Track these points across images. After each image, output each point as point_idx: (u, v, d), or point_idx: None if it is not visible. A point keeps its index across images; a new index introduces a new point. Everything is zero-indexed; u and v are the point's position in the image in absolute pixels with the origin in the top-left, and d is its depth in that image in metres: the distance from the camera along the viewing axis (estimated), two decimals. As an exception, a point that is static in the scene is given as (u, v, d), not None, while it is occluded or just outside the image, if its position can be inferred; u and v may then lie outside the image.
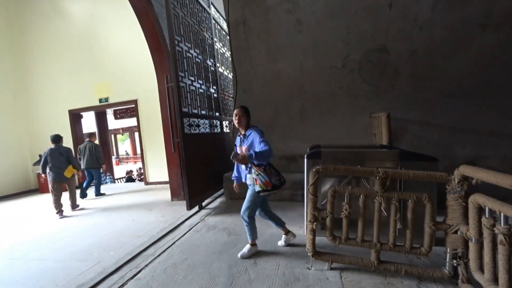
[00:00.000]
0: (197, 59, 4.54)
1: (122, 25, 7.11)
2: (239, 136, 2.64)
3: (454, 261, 1.90)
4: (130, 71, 7.23)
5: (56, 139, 5.00)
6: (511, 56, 3.55)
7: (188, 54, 4.24)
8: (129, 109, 10.07)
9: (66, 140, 5.39)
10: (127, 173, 11.01)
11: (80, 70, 7.64)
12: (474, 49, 3.65)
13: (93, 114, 8.80)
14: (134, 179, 10.25)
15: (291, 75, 4.43)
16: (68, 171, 4.99)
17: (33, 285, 2.51)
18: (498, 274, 1.48)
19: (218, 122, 5.36)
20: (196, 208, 4.30)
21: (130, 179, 10.07)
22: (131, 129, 21.45)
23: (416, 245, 2.01)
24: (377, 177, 1.99)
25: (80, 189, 6.21)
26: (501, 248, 1.42)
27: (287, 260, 2.49)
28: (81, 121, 8.31)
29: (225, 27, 6.01)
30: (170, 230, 3.51)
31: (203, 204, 4.48)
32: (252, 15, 4.43)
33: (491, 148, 3.73)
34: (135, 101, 7.35)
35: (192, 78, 4.32)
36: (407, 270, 2.02)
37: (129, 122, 15.57)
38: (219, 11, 5.92)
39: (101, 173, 6.86)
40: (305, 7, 4.17)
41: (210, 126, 4.90)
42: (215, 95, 5.29)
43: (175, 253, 2.82)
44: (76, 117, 8.02)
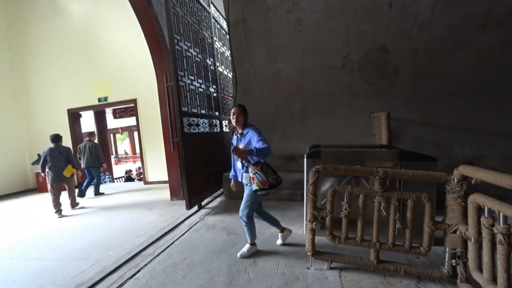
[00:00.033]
0: (196, 58, 4.53)
1: (122, 24, 7.09)
2: (236, 134, 2.63)
3: (453, 260, 1.90)
4: (130, 70, 7.21)
5: (55, 138, 5.01)
6: (511, 56, 3.56)
7: (188, 53, 4.23)
8: (128, 108, 10.06)
9: (65, 140, 5.39)
10: (126, 172, 10.99)
11: (79, 70, 7.62)
12: (474, 48, 3.65)
13: (92, 113, 8.78)
14: (133, 179, 10.23)
15: (291, 75, 4.43)
16: (67, 171, 4.99)
17: (32, 284, 2.50)
18: (497, 273, 1.49)
19: (218, 122, 5.36)
20: (196, 208, 4.30)
21: (129, 178, 10.06)
22: (130, 128, 21.41)
23: (415, 244, 2.02)
24: (376, 177, 1.99)
25: (78, 188, 6.19)
26: (500, 248, 1.43)
27: (286, 259, 2.49)
28: (80, 120, 8.29)
29: (224, 26, 6.00)
30: (169, 230, 3.51)
31: (202, 203, 4.48)
32: (252, 14, 4.43)
33: (490, 148, 3.74)
34: (134, 100, 7.33)
35: (192, 77, 4.31)
36: (406, 269, 2.03)
37: (128, 121, 15.54)
38: (218, 10, 5.91)
39: (101, 172, 6.84)
40: (305, 6, 4.16)
41: (209, 125, 4.89)
42: (214, 95, 5.28)
43: (174, 253, 2.82)
44: (75, 116, 8.00)
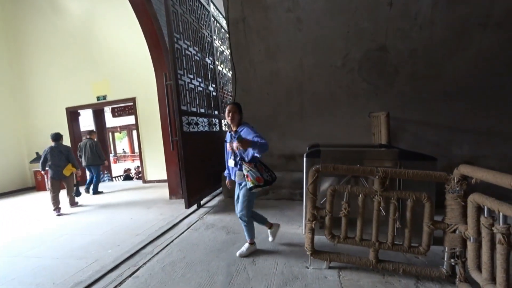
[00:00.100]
0: (196, 57, 4.52)
1: (121, 22, 7.06)
2: (230, 132, 2.61)
3: (452, 260, 1.90)
4: (129, 68, 7.19)
5: (56, 137, 5.05)
6: (511, 56, 3.56)
7: (187, 52, 4.22)
8: (127, 107, 10.04)
9: (64, 138, 5.38)
10: (125, 171, 10.96)
11: (78, 68, 7.60)
12: (474, 48, 3.65)
13: (90, 112, 8.75)
14: (132, 178, 10.21)
15: (290, 74, 4.42)
16: (67, 170, 5.02)
17: (30, 282, 2.50)
18: (496, 273, 1.49)
19: (217, 121, 5.35)
20: (195, 207, 4.29)
21: (128, 177, 10.04)
22: (129, 127, 21.41)
23: (415, 244, 2.02)
24: (376, 176, 1.99)
25: (76, 188, 6.16)
26: (500, 248, 1.43)
27: (285, 258, 2.50)
28: (79, 119, 8.27)
29: (224, 25, 5.98)
30: (168, 229, 3.50)
31: (201, 202, 4.47)
32: (252, 13, 4.41)
33: (489, 148, 3.74)
34: (133, 99, 7.31)
35: (191, 76, 4.30)
36: (405, 269, 2.03)
37: (127, 120, 15.52)
38: (218, 9, 5.89)
39: (100, 171, 6.84)
40: (305, 5, 4.15)
41: (209, 124, 4.89)
42: (214, 93, 5.27)
43: (173, 251, 2.82)
44: (73, 114, 7.97)
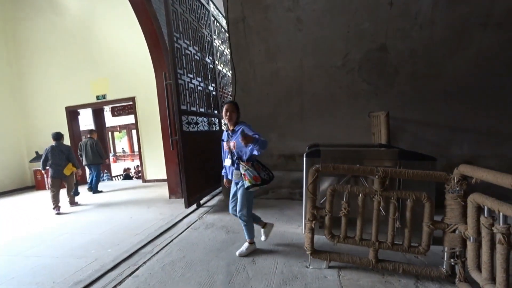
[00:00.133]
0: (196, 56, 4.51)
1: (120, 21, 7.04)
2: (226, 131, 2.59)
3: (452, 260, 1.90)
4: (128, 68, 7.17)
5: (57, 136, 5.11)
6: (511, 56, 3.56)
7: (187, 51, 4.21)
8: (126, 106, 10.00)
9: (64, 138, 5.39)
10: (124, 170, 10.95)
11: (77, 67, 7.58)
12: (474, 48, 3.65)
13: (90, 111, 8.73)
14: (132, 177, 10.21)
15: (290, 74, 4.41)
16: (67, 169, 5.05)
17: (30, 281, 2.50)
18: (496, 273, 1.49)
19: (217, 120, 5.35)
20: (194, 206, 4.29)
21: (127, 176, 10.03)
22: (129, 126, 21.38)
23: (414, 244, 2.02)
24: (376, 176, 1.99)
25: (82, 185, 6.20)
26: (500, 248, 1.43)
27: (285, 258, 2.50)
28: (78, 118, 8.25)
29: (224, 24, 5.97)
30: (168, 228, 3.50)
31: (201, 202, 4.47)
32: (252, 12, 4.40)
33: (489, 148, 3.75)
34: (133, 98, 7.30)
35: (191, 76, 4.29)
36: (404, 268, 2.03)
37: (126, 119, 15.50)
38: (218, 8, 5.88)
39: (100, 170, 6.84)
40: (305, 5, 4.14)
41: (208, 124, 4.88)
42: (213, 93, 5.27)
43: (173, 251, 2.82)
44: (73, 114, 7.96)
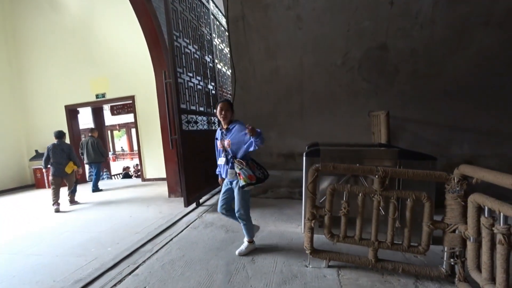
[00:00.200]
0: (195, 55, 4.50)
1: (120, 20, 7.01)
2: (220, 130, 2.57)
3: (452, 260, 1.90)
4: (128, 66, 7.15)
5: (59, 135, 5.17)
6: (511, 56, 3.55)
7: (187, 50, 4.19)
8: (126, 105, 9.98)
9: (63, 136, 5.40)
10: (124, 169, 10.94)
11: (77, 65, 7.55)
12: (474, 48, 3.63)
13: (89, 109, 8.71)
14: (131, 176, 10.19)
15: (290, 72, 4.40)
16: (68, 167, 5.10)
17: (31, 280, 2.50)
18: (496, 273, 1.49)
19: (216, 119, 5.33)
20: (194, 205, 4.29)
21: (127, 175, 10.02)
22: (128, 125, 21.35)
23: (414, 243, 2.02)
24: (376, 176, 1.99)
25: (81, 184, 6.22)
26: (500, 248, 1.43)
27: (284, 257, 2.50)
28: (78, 116, 8.24)
29: (224, 23, 5.95)
30: (167, 227, 3.50)
31: (200, 201, 4.47)
32: (252, 11, 4.39)
33: (489, 148, 3.74)
34: (132, 97, 7.28)
35: (191, 74, 4.28)
36: (404, 268, 2.03)
37: (126, 118, 15.47)
38: (218, 7, 5.85)
39: (100, 169, 6.84)
40: (305, 3, 4.13)
41: (208, 123, 4.87)
42: (213, 92, 5.26)
43: (172, 250, 2.82)
44: (72, 112, 7.94)
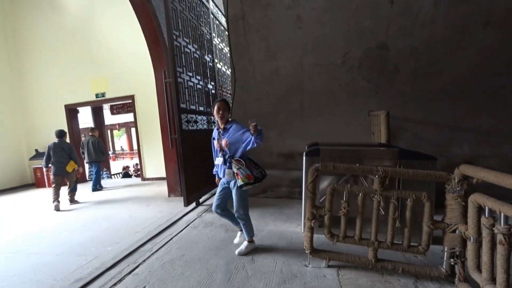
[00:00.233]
0: (195, 55, 4.49)
1: (120, 19, 6.99)
2: (217, 130, 2.56)
3: (452, 260, 1.90)
4: (128, 66, 7.13)
5: (60, 134, 5.21)
6: (511, 56, 3.54)
7: (186, 49, 4.19)
8: (126, 105, 9.96)
9: (63, 136, 5.40)
10: (123, 168, 10.94)
11: (77, 65, 7.54)
12: (475, 47, 3.62)
13: (89, 109, 8.70)
14: (131, 175, 10.18)
15: (290, 72, 4.39)
16: (69, 166, 5.14)
17: (31, 279, 2.50)
18: (496, 273, 1.49)
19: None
20: (193, 205, 4.29)
21: (126, 174, 10.01)
22: (128, 124, 21.33)
23: (414, 243, 2.02)
24: (376, 176, 1.98)
25: (81, 183, 6.23)
26: (500, 248, 1.43)
27: (284, 257, 2.50)
28: (78, 116, 8.23)
29: (223, 22, 5.94)
30: (167, 226, 3.50)
31: (200, 200, 4.46)
32: (251, 10, 4.38)
33: (489, 147, 3.73)
34: (132, 97, 7.27)
35: (190, 74, 4.27)
36: (404, 268, 2.03)
37: (125, 117, 15.47)
38: (217, 6, 5.84)
39: (100, 168, 6.84)
40: (305, 3, 4.12)
41: (207, 122, 4.86)
42: (213, 91, 5.25)
43: (172, 249, 2.82)
44: (72, 112, 7.93)
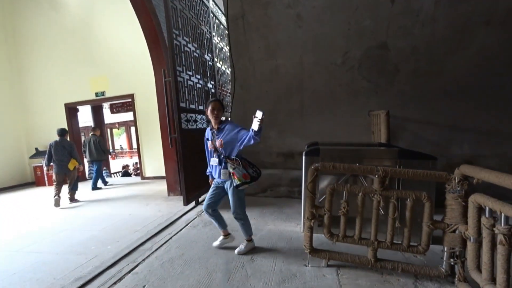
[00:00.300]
0: (195, 54, 4.47)
1: (119, 18, 6.98)
2: (211, 130, 2.52)
3: (451, 260, 1.90)
4: (127, 65, 7.12)
5: (61, 132, 5.26)
6: (511, 56, 3.53)
7: (186, 48, 4.17)
8: (125, 103, 9.94)
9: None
10: (123, 167, 10.94)
11: (77, 64, 7.53)
12: (475, 47, 3.62)
13: (89, 108, 8.69)
14: (130, 174, 10.19)
15: (290, 71, 4.39)
16: (71, 164, 5.19)
17: (31, 277, 2.49)
18: (496, 273, 1.48)
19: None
20: (193, 204, 4.28)
21: (126, 173, 10.01)
22: (127, 123, 21.30)
23: (414, 243, 2.02)
24: (376, 176, 1.98)
25: (81, 182, 6.24)
26: (501, 248, 1.42)
27: (284, 256, 2.50)
28: (77, 115, 8.22)
29: (223, 21, 5.92)
30: (167, 225, 3.50)
31: (199, 199, 4.45)
32: (251, 9, 4.37)
33: (489, 147, 3.73)
34: (131, 96, 7.27)
35: (190, 73, 4.26)
36: (403, 268, 2.03)
37: (125, 116, 15.45)
38: (217, 5, 5.82)
39: (101, 167, 6.82)
40: (305, 2, 4.11)
41: (207, 121, 4.85)
42: (212, 91, 5.24)
43: (172, 248, 2.81)
44: (72, 110, 7.93)
